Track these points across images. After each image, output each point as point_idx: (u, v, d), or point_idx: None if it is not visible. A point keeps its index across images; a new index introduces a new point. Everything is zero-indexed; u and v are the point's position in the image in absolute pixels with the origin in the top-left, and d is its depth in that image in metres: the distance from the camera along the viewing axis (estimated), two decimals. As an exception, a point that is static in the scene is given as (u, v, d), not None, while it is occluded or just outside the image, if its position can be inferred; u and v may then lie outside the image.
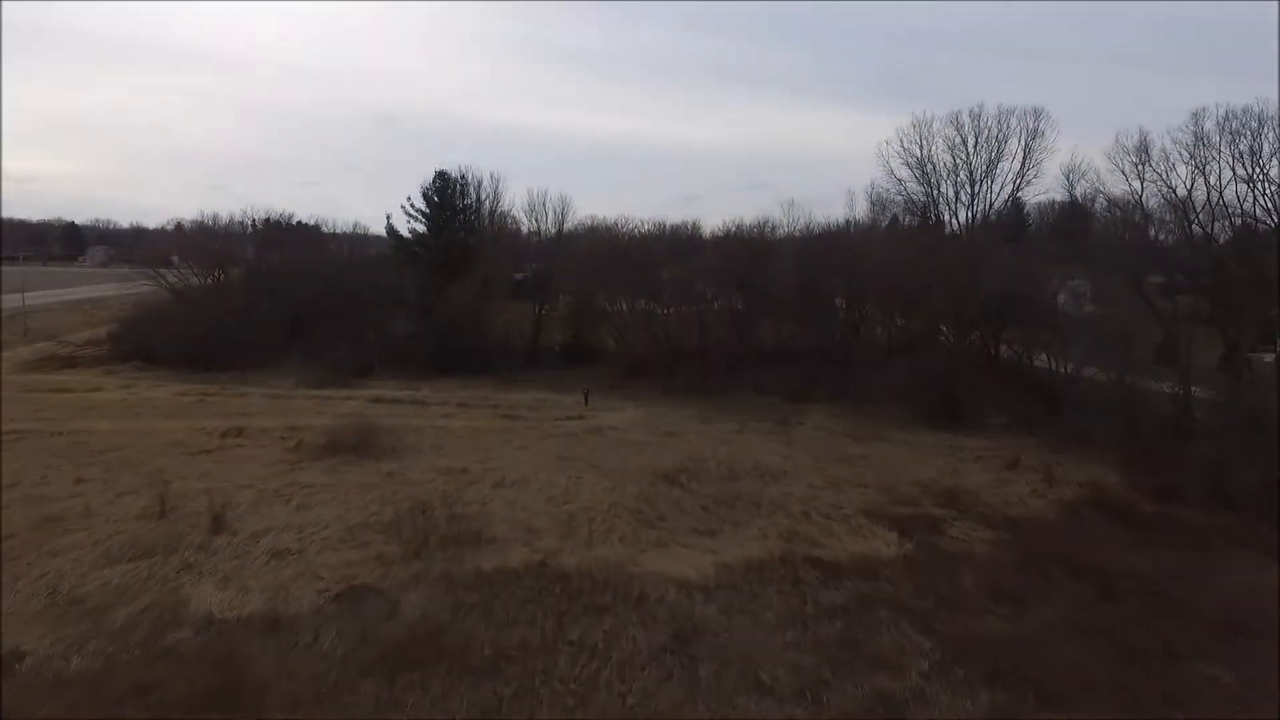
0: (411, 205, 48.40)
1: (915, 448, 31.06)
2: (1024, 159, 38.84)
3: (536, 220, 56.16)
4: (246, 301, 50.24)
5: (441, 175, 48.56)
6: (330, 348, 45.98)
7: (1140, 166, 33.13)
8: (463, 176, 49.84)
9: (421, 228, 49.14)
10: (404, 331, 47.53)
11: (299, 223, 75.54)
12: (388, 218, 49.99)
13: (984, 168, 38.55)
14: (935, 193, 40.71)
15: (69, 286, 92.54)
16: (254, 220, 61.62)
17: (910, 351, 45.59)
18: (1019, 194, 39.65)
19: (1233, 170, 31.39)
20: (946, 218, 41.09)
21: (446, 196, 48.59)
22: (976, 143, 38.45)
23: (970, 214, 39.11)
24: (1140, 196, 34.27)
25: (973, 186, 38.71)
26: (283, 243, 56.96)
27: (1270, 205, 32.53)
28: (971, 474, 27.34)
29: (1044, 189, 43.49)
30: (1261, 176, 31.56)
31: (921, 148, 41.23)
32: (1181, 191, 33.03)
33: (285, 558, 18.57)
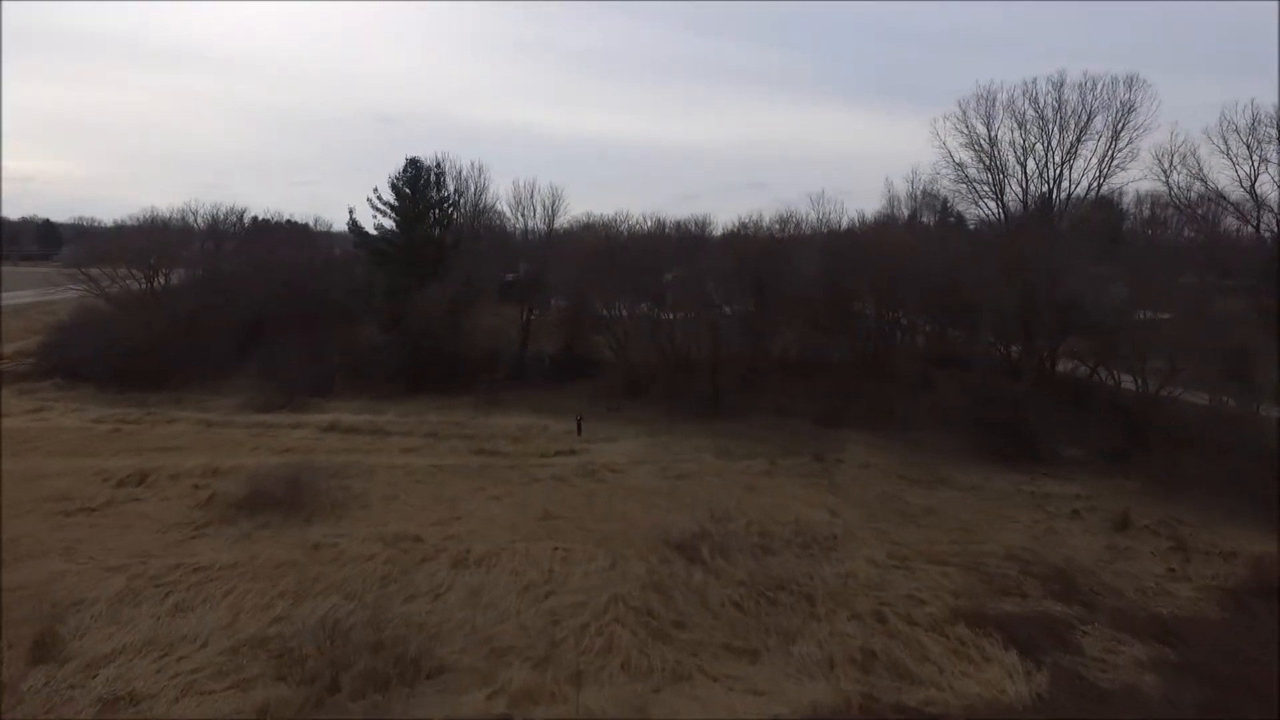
0: (379, 198, 42.10)
1: (988, 495, 24.98)
2: (1112, 138, 32.40)
3: (523, 215, 50.01)
4: (193, 308, 44.01)
5: (414, 163, 42.13)
6: (287, 362, 39.90)
7: (1254, 146, 26.99)
8: (439, 165, 43.52)
9: (390, 223, 42.83)
10: (370, 343, 41.33)
11: (287, 221, 69.27)
12: (350, 212, 43.60)
13: (1065, 149, 32.14)
14: (1001, 178, 34.24)
15: (32, 288, 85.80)
16: (200, 216, 54.47)
17: (955, 365, 39.51)
18: (1106, 180, 33.14)
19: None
20: (1014, 209, 34.65)
21: (419, 188, 42.19)
22: (1056, 118, 31.93)
23: (1052, 202, 32.65)
24: (1253, 182, 28.18)
25: (1050, 171, 32.31)
26: (239, 241, 50.76)
27: None
28: (1073, 538, 21.24)
29: (1139, 174, 35.61)
30: None
31: (989, 125, 34.60)
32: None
33: (121, 711, 12.43)
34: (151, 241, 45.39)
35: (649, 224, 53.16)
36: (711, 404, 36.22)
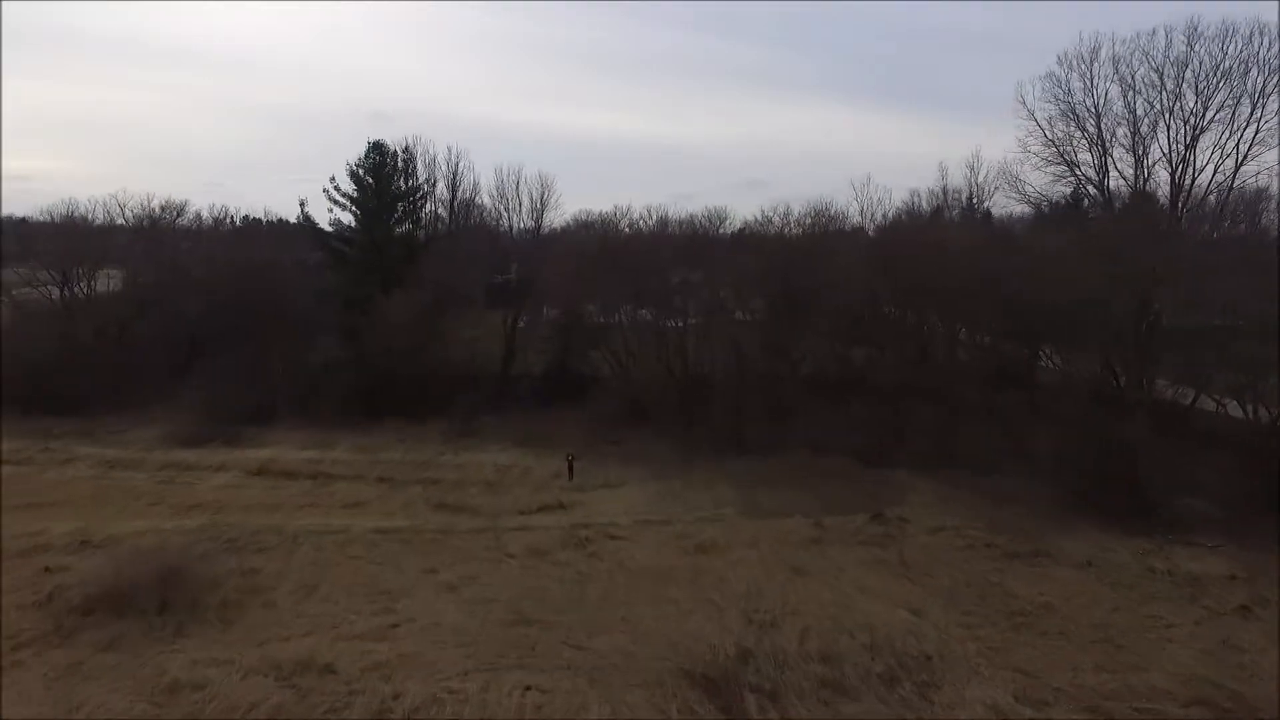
0: (336, 188, 35.84)
1: (1111, 575, 18.75)
2: (1253, 108, 25.20)
3: (507, 209, 43.79)
4: (123, 318, 37.88)
5: (377, 148, 35.94)
6: (229, 382, 33.77)
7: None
8: (408, 149, 37.35)
9: (349, 218, 36.63)
10: (324, 360, 35.17)
11: (279, 219, 62.51)
12: (301, 205, 37.41)
13: (1195, 122, 25.11)
14: (1105, 157, 27.50)
15: None
16: (128, 209, 47.13)
17: (1017, 387, 33.35)
18: (1245, 162, 25.97)
19: None
20: (1122, 195, 28.08)
21: (384, 176, 36.02)
22: (1186, 76, 24.89)
23: (1174, 189, 26.05)
24: None
25: (1171, 149, 25.48)
26: (179, 239, 44.50)
27: None
28: (1264, 656, 14.99)
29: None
30: None
31: (1093, 90, 27.30)
32: None
33: None
34: (69, 240, 39.18)
35: (653, 220, 47.05)
36: (733, 436, 30.06)
